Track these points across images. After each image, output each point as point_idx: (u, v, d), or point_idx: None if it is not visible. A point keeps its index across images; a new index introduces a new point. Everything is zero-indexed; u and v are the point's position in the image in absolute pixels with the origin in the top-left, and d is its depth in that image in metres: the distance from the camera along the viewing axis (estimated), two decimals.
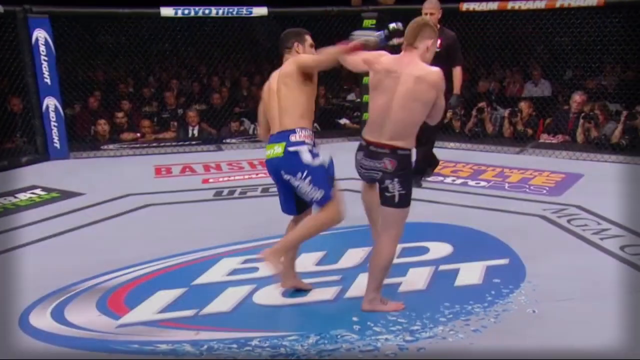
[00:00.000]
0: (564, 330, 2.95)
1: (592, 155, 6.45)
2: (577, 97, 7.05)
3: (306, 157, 3.05)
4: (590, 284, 3.43)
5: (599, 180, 5.62)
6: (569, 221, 4.49)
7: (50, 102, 6.88)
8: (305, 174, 3.04)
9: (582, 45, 6.82)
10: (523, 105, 7.38)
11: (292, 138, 3.07)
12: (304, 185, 3.05)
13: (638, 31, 6.22)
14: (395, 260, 3.78)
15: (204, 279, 3.64)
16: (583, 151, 6.59)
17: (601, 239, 4.11)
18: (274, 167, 3.16)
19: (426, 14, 5.35)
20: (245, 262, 3.85)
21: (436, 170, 5.97)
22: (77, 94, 7.76)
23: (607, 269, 3.66)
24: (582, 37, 6.65)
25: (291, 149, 3.06)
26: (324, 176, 3.08)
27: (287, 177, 3.10)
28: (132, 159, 7.10)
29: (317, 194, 3.04)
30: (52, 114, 6.91)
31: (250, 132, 8.20)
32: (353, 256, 3.87)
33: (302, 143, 3.07)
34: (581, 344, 2.82)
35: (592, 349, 2.78)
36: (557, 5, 6.29)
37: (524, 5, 6.46)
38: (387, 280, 3.50)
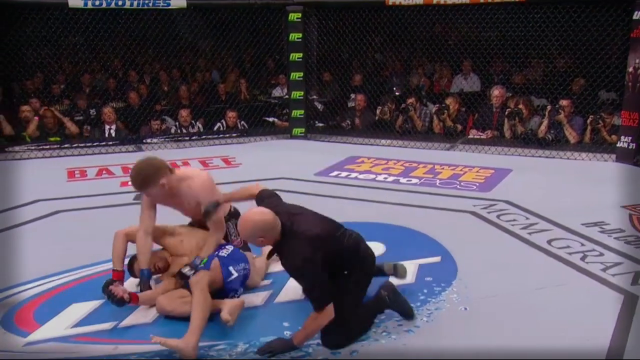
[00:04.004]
0: (495, 327, 2.94)
1: (520, 150, 6.56)
2: (496, 92, 7.15)
3: None
4: (520, 279, 3.44)
5: (527, 175, 5.72)
6: (498, 216, 4.51)
7: None
8: None
9: (507, 41, 6.92)
10: (450, 100, 7.41)
11: None
12: None
13: (559, 27, 6.38)
14: None
15: None
16: (511, 146, 6.69)
17: (529, 233, 4.15)
18: None
19: None
20: None
21: (368, 169, 5.86)
22: None
23: (535, 263, 3.69)
24: (507, 32, 6.75)
25: None
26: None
27: None
28: (41, 161, 6.66)
29: None
30: None
31: (172, 131, 7.86)
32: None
33: None
34: (512, 340, 2.81)
35: (523, 345, 2.77)
36: (481, 0, 6.34)
37: (449, 0, 6.48)
38: None
